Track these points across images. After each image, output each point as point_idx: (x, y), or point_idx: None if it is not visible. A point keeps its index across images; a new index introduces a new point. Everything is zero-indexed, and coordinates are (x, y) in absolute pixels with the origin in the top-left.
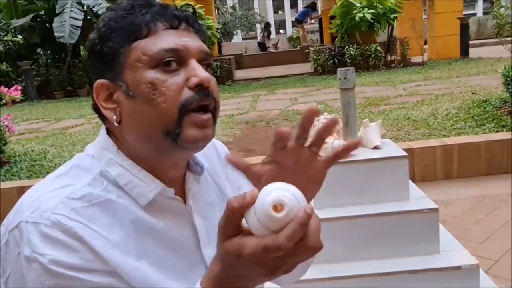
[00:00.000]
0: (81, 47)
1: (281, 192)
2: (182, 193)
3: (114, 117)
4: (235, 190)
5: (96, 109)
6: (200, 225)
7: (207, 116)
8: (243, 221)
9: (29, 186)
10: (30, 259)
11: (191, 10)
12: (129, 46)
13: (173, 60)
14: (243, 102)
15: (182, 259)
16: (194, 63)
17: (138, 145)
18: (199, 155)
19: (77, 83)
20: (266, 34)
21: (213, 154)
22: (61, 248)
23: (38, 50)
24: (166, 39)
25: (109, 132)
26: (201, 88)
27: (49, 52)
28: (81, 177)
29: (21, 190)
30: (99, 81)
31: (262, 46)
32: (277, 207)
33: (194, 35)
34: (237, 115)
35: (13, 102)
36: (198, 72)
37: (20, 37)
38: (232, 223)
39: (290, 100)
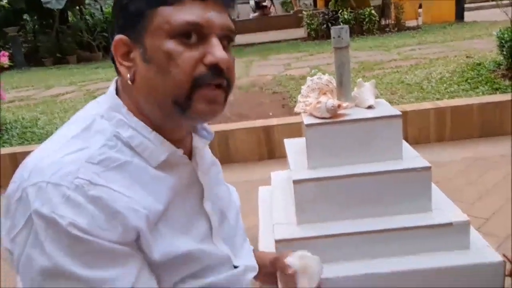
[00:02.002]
0: (69, 13)
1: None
2: (186, 151)
3: (128, 75)
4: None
5: (114, 62)
6: (204, 181)
7: (218, 92)
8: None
9: (22, 153)
10: (49, 219)
11: None
12: (154, 10)
13: (194, 34)
14: (235, 68)
15: (188, 214)
16: (214, 40)
17: (148, 107)
18: None
19: (66, 50)
20: None
21: None
22: (80, 213)
23: (25, 16)
24: (191, 11)
25: (117, 91)
26: (216, 67)
27: (36, 18)
28: (94, 138)
29: (14, 157)
30: (120, 36)
31: (258, 5)
32: None
33: (220, 9)
34: None
35: (2, 69)
36: (216, 51)
37: (5, 0)
38: None
39: (283, 65)
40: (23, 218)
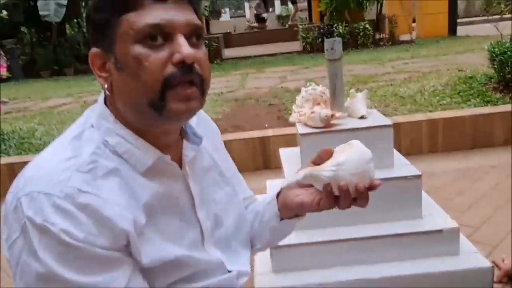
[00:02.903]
0: (67, 26)
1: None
2: (177, 158)
3: (106, 85)
4: (225, 163)
5: None
6: (195, 189)
7: (191, 89)
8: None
9: (19, 163)
10: (41, 227)
11: None
12: (118, 19)
13: (159, 35)
14: (232, 80)
15: (180, 221)
16: (180, 39)
17: (128, 114)
18: (195, 125)
19: (63, 62)
20: (262, 3)
21: (204, 124)
22: (71, 220)
23: (22, 28)
24: (152, 14)
25: (106, 100)
26: (184, 64)
27: (33, 30)
28: (84, 147)
29: (11, 167)
30: (93, 49)
31: (259, 18)
32: None
33: (183, 7)
34: (226, 93)
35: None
36: (182, 48)
37: (5, 12)
38: None
39: (279, 78)
40: (18, 227)
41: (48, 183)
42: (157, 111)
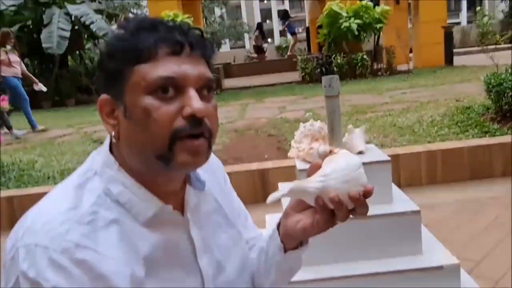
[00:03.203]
0: (69, 57)
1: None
2: (180, 204)
3: (113, 133)
4: (229, 203)
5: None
6: (196, 236)
7: (199, 142)
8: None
9: (19, 196)
10: (34, 282)
11: (198, 33)
12: (131, 69)
13: (171, 88)
14: (231, 111)
15: (180, 270)
16: (191, 92)
17: (134, 162)
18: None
19: (64, 93)
20: (260, 35)
21: (209, 166)
22: (64, 276)
23: (25, 60)
24: (165, 66)
25: (111, 147)
26: (194, 118)
27: (36, 62)
28: (86, 196)
29: (10, 200)
30: (103, 96)
31: (258, 49)
32: None
33: (196, 61)
34: (226, 124)
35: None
36: (193, 102)
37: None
38: None
39: (278, 108)
40: (13, 277)
41: (46, 235)
42: (164, 162)
